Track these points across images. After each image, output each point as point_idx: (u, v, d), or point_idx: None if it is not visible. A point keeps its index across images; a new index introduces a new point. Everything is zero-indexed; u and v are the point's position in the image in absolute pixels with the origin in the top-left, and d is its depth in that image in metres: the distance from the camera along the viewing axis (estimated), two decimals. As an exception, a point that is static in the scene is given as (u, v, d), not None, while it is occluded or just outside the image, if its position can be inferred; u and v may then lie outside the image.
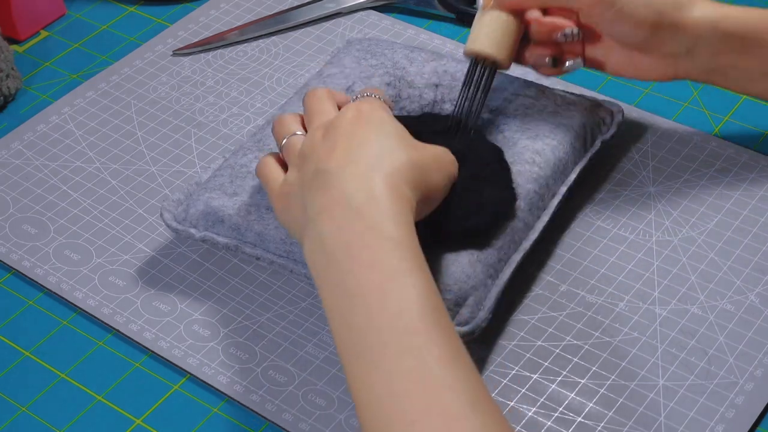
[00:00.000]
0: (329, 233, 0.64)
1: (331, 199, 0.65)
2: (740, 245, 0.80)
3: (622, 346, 0.74)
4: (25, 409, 0.74)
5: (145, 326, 0.77)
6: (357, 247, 0.63)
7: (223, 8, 1.04)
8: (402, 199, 0.65)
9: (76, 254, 0.83)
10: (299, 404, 0.72)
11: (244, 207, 0.77)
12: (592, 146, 0.83)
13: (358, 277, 0.62)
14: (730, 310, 0.76)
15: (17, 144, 0.92)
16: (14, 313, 0.80)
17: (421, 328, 0.59)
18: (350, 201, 0.64)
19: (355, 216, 0.64)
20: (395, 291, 0.61)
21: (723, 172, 0.85)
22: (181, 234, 0.79)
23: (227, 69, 0.97)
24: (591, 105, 0.84)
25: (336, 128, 0.69)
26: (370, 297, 0.61)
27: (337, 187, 0.65)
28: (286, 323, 0.77)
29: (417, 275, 0.62)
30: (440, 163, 0.71)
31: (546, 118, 0.82)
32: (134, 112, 0.94)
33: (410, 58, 0.87)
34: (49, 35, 1.03)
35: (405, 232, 0.64)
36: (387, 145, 0.67)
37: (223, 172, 0.81)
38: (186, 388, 0.74)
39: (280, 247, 0.76)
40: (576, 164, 0.81)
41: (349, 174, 0.65)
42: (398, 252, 0.62)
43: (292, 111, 0.83)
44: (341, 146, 0.67)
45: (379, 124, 0.69)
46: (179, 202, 0.81)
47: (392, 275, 0.61)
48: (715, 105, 0.91)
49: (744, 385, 0.72)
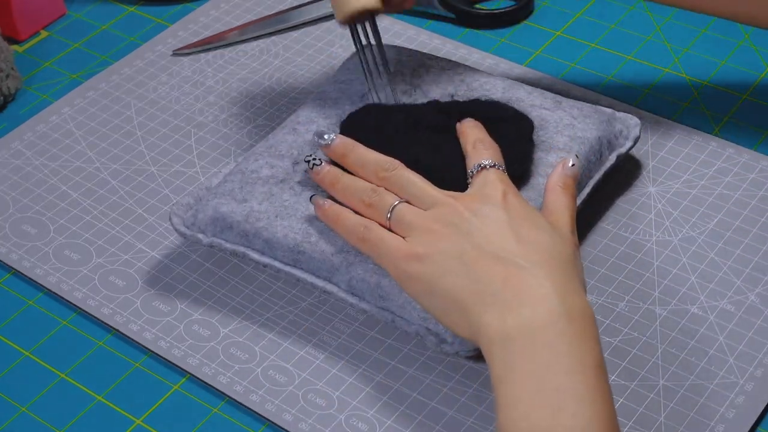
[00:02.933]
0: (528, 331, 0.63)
1: (529, 293, 0.65)
2: (740, 245, 0.80)
3: (622, 346, 0.74)
4: (25, 409, 0.74)
5: (145, 326, 0.77)
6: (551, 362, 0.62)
7: (223, 8, 1.04)
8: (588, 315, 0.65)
9: (76, 254, 0.83)
10: (299, 404, 0.72)
11: (253, 214, 0.77)
12: (608, 160, 0.82)
13: None
14: (730, 310, 0.76)
15: (17, 144, 0.92)
16: (14, 313, 0.80)
17: None
18: (551, 302, 0.64)
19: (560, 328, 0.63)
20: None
21: (723, 172, 0.85)
22: (189, 239, 0.79)
23: (227, 69, 0.97)
24: (608, 118, 0.83)
25: (486, 206, 0.69)
26: None
27: (532, 284, 0.65)
28: (286, 323, 0.77)
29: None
30: None
31: (561, 131, 0.81)
32: (134, 112, 0.94)
33: (426, 66, 0.86)
34: (49, 35, 1.03)
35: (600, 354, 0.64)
36: (555, 239, 0.68)
37: (234, 177, 0.80)
38: (186, 388, 0.74)
39: (287, 256, 0.76)
40: (590, 178, 0.80)
41: (544, 275, 0.65)
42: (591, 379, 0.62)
43: (308, 117, 0.83)
44: (509, 234, 0.67)
45: (532, 213, 0.70)
46: (188, 207, 0.80)
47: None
48: (715, 105, 0.91)
49: (744, 385, 0.72)
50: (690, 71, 0.94)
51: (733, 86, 0.92)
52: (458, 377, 0.73)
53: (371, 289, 0.73)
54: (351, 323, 0.77)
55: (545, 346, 0.62)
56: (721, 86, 0.92)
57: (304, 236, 0.75)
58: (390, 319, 0.73)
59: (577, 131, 0.81)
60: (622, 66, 0.95)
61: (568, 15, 1.01)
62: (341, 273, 0.74)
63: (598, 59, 0.96)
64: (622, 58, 0.96)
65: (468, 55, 0.96)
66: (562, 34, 0.99)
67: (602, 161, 0.81)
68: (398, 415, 0.71)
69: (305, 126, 0.82)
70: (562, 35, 0.98)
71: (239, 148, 0.90)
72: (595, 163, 0.80)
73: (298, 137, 0.81)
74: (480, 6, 1.02)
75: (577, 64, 0.96)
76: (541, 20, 1.01)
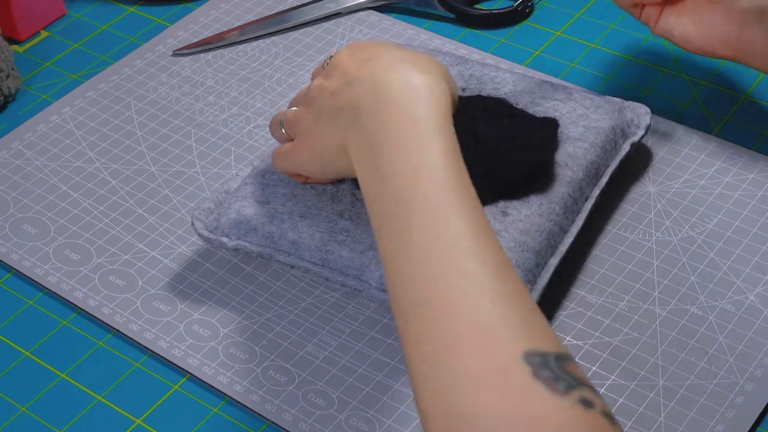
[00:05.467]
0: (369, 124, 0.66)
1: (370, 95, 0.67)
2: (740, 245, 0.80)
3: (622, 346, 0.74)
4: (25, 409, 0.74)
5: (145, 326, 0.77)
6: (394, 132, 0.64)
7: (223, 8, 1.04)
8: (440, 89, 0.67)
9: (76, 254, 0.83)
10: (299, 404, 0.72)
11: (277, 215, 0.77)
12: (622, 149, 0.82)
13: (392, 159, 0.63)
14: (730, 310, 0.76)
15: (17, 144, 0.92)
16: (14, 313, 0.80)
17: (451, 198, 0.61)
18: (387, 91, 0.66)
19: (392, 104, 0.65)
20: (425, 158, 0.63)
21: (723, 172, 0.85)
22: (213, 243, 0.78)
23: (227, 69, 0.97)
24: (619, 107, 0.84)
25: (338, 59, 0.72)
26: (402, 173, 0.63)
27: (371, 84, 0.67)
28: (286, 323, 0.77)
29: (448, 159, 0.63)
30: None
31: (576, 121, 0.81)
32: (134, 112, 0.94)
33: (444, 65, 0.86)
34: (49, 35, 1.03)
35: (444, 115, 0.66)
36: (400, 52, 0.69)
37: (254, 180, 0.80)
38: (186, 388, 0.74)
39: (315, 255, 0.76)
40: (607, 167, 0.81)
41: (381, 71, 0.67)
42: (434, 132, 0.64)
43: None
44: (355, 64, 0.69)
45: (377, 42, 0.72)
46: (209, 211, 0.80)
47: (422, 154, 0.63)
48: (715, 105, 0.91)
49: (744, 385, 0.72)
50: (690, 71, 0.94)
51: (733, 86, 0.92)
52: (458, 377, 0.73)
53: None
54: (351, 323, 0.77)
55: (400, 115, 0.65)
56: (721, 86, 0.92)
57: (331, 235, 0.75)
58: None
59: (591, 121, 0.81)
60: (622, 66, 0.95)
61: (568, 15, 1.01)
62: (371, 270, 0.74)
63: (598, 59, 0.96)
64: (622, 58, 0.96)
65: (468, 56, 0.96)
66: (562, 34, 0.99)
67: (617, 150, 0.82)
68: (398, 415, 0.71)
69: None
70: (562, 35, 0.98)
71: (239, 148, 0.90)
72: (611, 152, 0.81)
73: None
74: (480, 6, 1.02)
75: (577, 64, 0.96)
76: (541, 20, 1.01)
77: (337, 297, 0.78)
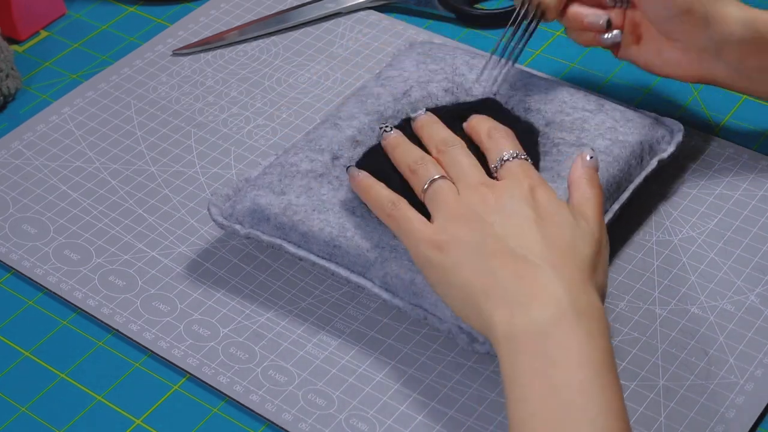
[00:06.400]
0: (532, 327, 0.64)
1: (539, 292, 0.65)
2: (740, 245, 0.80)
3: (622, 346, 0.74)
4: (25, 409, 0.74)
5: (145, 326, 0.77)
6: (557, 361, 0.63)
7: (223, 8, 1.04)
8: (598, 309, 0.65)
9: (75, 254, 0.83)
10: (299, 404, 0.72)
11: (290, 207, 0.77)
12: (649, 165, 0.81)
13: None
14: (730, 310, 0.76)
15: (17, 144, 0.92)
16: (14, 313, 0.80)
17: None
18: (560, 302, 0.64)
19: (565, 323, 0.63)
20: None
21: (723, 172, 0.85)
22: (227, 230, 0.79)
23: (227, 69, 0.97)
24: (651, 122, 0.82)
25: (512, 199, 0.69)
26: None
27: (544, 282, 0.65)
28: (286, 323, 0.77)
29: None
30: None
31: (603, 134, 0.80)
32: (134, 112, 0.94)
33: (470, 65, 0.86)
34: (49, 35, 1.03)
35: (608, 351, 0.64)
36: (576, 237, 0.68)
37: (273, 170, 0.80)
38: (186, 388, 0.74)
39: (323, 249, 0.76)
40: (630, 182, 0.80)
41: (556, 275, 0.65)
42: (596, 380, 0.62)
43: (349, 113, 0.83)
44: (530, 231, 0.67)
45: (558, 209, 0.69)
46: (227, 198, 0.80)
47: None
48: (715, 105, 0.91)
49: (744, 385, 0.72)
50: (690, 71, 0.94)
51: (733, 86, 0.92)
52: (458, 377, 0.73)
53: (405, 286, 0.73)
54: (351, 323, 0.77)
55: (552, 344, 0.62)
56: (721, 86, 0.92)
57: (340, 231, 0.75)
58: (422, 316, 0.73)
59: (619, 135, 0.80)
60: (622, 66, 0.95)
61: (568, 15, 1.01)
62: (376, 268, 0.74)
63: (598, 59, 0.96)
64: (622, 58, 0.96)
65: (468, 55, 0.96)
66: (562, 34, 0.98)
67: (643, 166, 0.81)
68: (398, 415, 0.71)
69: (346, 122, 0.82)
70: (562, 35, 0.98)
71: (239, 148, 0.90)
72: (636, 167, 0.80)
73: (339, 132, 0.82)
74: (480, 6, 1.02)
75: (577, 64, 0.96)
76: (541, 20, 1.00)
77: (337, 297, 0.78)
